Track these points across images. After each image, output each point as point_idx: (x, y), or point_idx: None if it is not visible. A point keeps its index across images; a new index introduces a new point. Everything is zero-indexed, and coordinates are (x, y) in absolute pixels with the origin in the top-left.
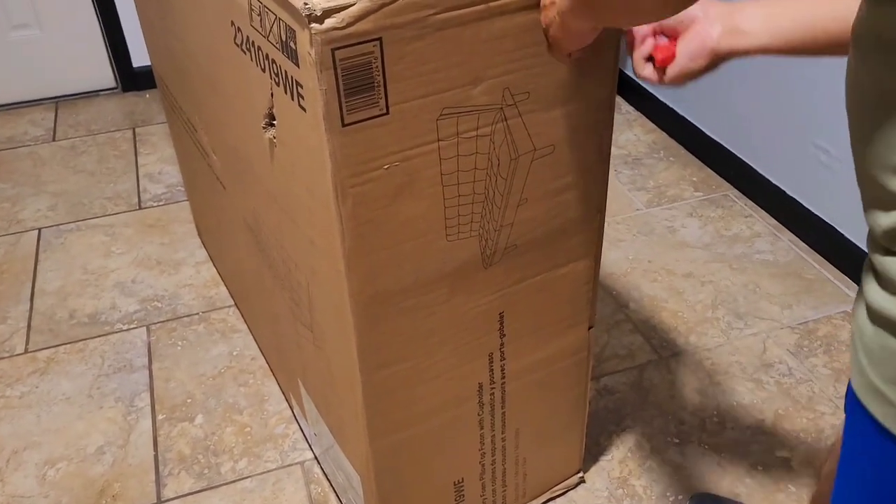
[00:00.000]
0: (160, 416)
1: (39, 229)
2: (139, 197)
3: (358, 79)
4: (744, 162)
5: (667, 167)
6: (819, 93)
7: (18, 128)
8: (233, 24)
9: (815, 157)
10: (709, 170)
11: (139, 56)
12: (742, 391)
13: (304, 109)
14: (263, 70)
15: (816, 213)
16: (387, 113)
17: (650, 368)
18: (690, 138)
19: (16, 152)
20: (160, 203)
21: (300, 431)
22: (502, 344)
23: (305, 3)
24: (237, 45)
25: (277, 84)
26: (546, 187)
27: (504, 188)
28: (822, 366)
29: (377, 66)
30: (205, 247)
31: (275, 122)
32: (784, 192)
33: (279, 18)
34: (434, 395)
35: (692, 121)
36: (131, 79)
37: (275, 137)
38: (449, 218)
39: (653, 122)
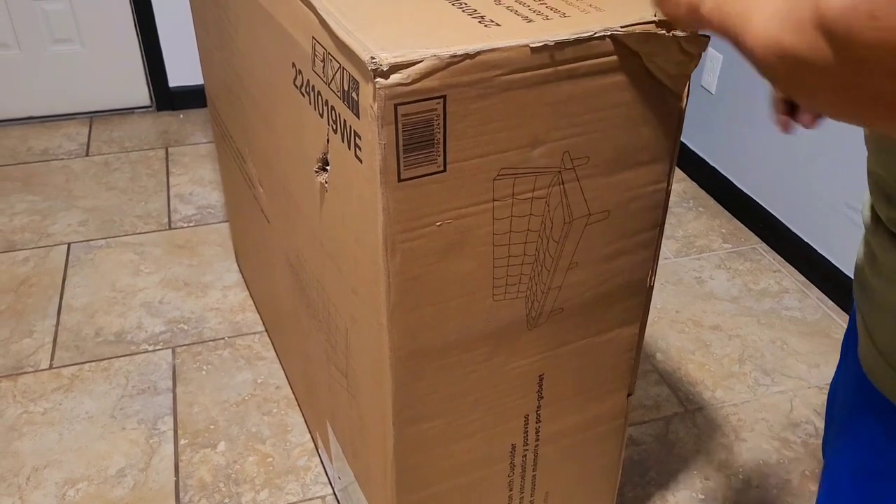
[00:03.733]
0: (182, 441)
1: (69, 244)
2: (169, 217)
3: (418, 135)
4: (773, 216)
5: (696, 217)
6: (852, 154)
7: (53, 141)
8: (294, 65)
9: (847, 216)
10: (737, 222)
11: (176, 76)
12: (768, 449)
13: (360, 160)
14: (321, 115)
15: (846, 272)
16: (444, 170)
17: (676, 421)
18: (721, 190)
19: (49, 165)
20: (190, 224)
21: (322, 465)
22: (539, 406)
23: (372, 58)
24: (296, 87)
25: (335, 131)
26: (597, 252)
27: (555, 251)
28: None
29: (438, 124)
30: (240, 270)
31: (328, 167)
32: (814, 248)
33: (343, 68)
34: (465, 453)
35: (723, 172)
36: (167, 98)
37: (326, 182)
38: (497, 278)
39: (684, 171)
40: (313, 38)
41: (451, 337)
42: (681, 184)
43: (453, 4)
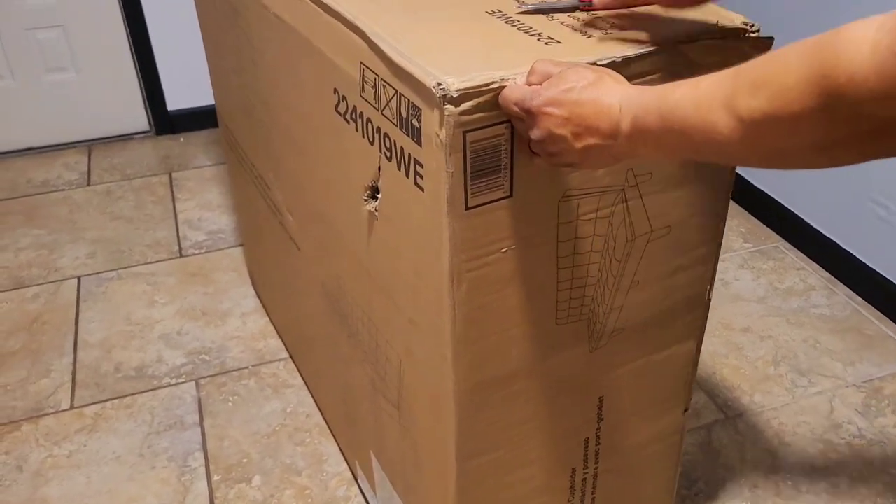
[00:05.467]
0: (216, 477)
1: (79, 277)
2: (180, 244)
3: (486, 161)
4: (793, 213)
5: None
6: None
7: (52, 171)
8: (336, 91)
9: (873, 211)
10: (756, 220)
11: (174, 99)
12: (814, 453)
13: (421, 189)
14: (371, 142)
15: (874, 267)
16: (510, 196)
17: (718, 428)
18: (737, 189)
19: (49, 197)
20: (202, 251)
21: (362, 495)
22: (598, 428)
23: (439, 83)
24: (339, 113)
25: (389, 159)
26: (659, 269)
27: (617, 270)
28: (892, 426)
29: (506, 149)
30: (259, 297)
31: (378, 196)
32: (838, 244)
33: (400, 94)
34: (527, 481)
35: (739, 171)
36: (166, 122)
37: (377, 210)
38: (560, 301)
39: None
40: (361, 63)
41: (514, 365)
42: None
43: (507, 23)
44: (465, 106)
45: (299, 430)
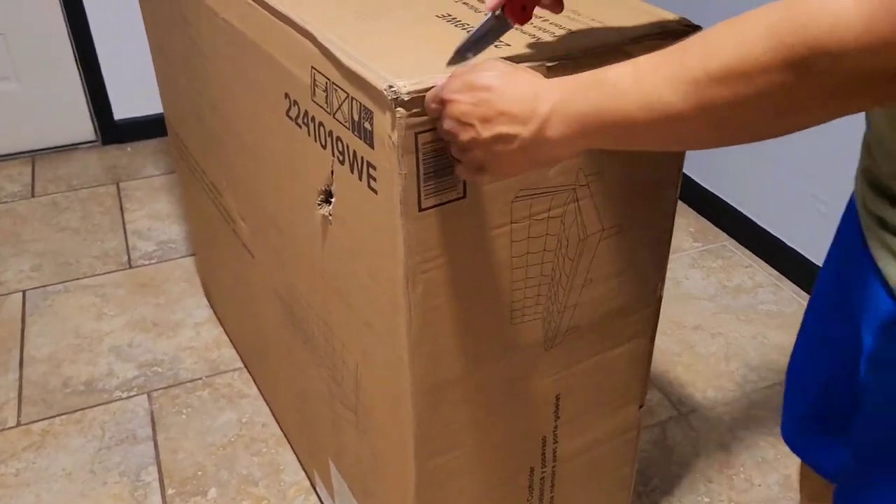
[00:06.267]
0: (170, 491)
1: (24, 291)
2: (129, 255)
3: (438, 163)
4: (740, 213)
5: None
6: (815, 145)
7: None
8: (287, 96)
9: (814, 207)
10: (705, 220)
11: (121, 108)
12: (764, 446)
13: (374, 191)
14: (324, 147)
15: (817, 263)
16: (464, 197)
17: (672, 425)
18: (686, 189)
19: None
20: (152, 261)
21: (320, 503)
22: (556, 426)
23: (390, 86)
24: (290, 118)
25: (342, 162)
26: (611, 267)
27: (571, 269)
28: None
29: None
30: (212, 307)
31: (332, 200)
32: (783, 242)
33: (352, 97)
34: (485, 481)
35: (686, 172)
36: (113, 131)
37: (331, 215)
38: (515, 301)
39: None
40: (312, 67)
41: (470, 365)
42: None
43: (456, 26)
44: (417, 108)
45: (255, 440)
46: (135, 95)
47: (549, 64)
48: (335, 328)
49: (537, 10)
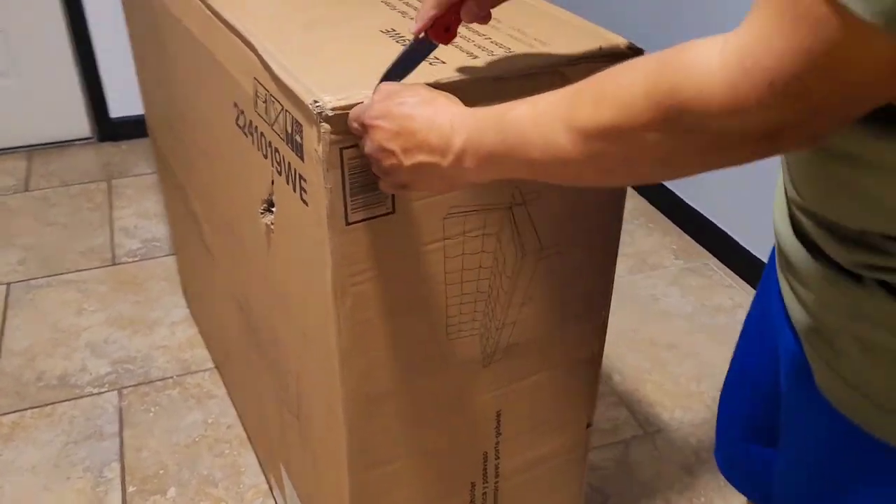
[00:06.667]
0: (131, 489)
1: (8, 284)
2: (113, 252)
3: (365, 177)
4: (723, 232)
5: (647, 234)
6: None
7: None
8: (236, 105)
9: None
10: (688, 238)
11: (117, 106)
12: None
13: (306, 203)
14: (265, 157)
15: None
16: (393, 212)
17: (635, 444)
18: (670, 206)
19: None
20: (135, 259)
21: None
22: (497, 443)
23: (315, 101)
24: (238, 127)
25: (279, 173)
26: (552, 287)
27: (508, 287)
28: None
29: None
30: (189, 305)
31: (273, 209)
32: (764, 263)
33: (286, 110)
34: (424, 494)
35: (671, 188)
36: (109, 129)
37: (272, 224)
38: (451, 316)
39: (634, 188)
40: (255, 78)
41: (404, 378)
42: (630, 201)
43: (398, 42)
44: (341, 124)
45: (219, 441)
46: (131, 94)
47: (476, 80)
48: (280, 335)
49: (476, 27)
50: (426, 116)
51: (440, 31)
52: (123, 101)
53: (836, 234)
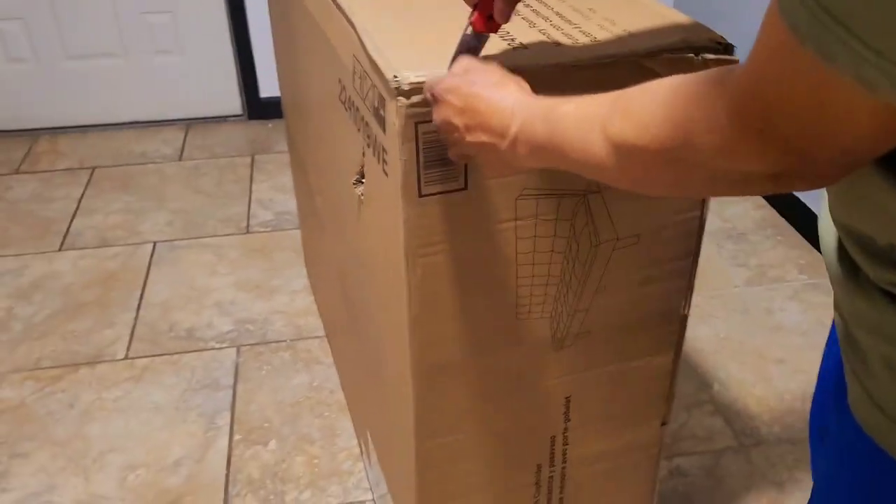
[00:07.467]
0: (237, 437)
1: (155, 242)
2: (248, 221)
3: (440, 152)
4: None
5: (773, 246)
6: None
7: (151, 145)
8: (339, 81)
9: None
10: (818, 254)
11: (266, 87)
12: None
13: (386, 174)
14: (358, 130)
15: None
16: (465, 188)
17: (728, 455)
18: (802, 219)
19: (145, 168)
20: (267, 229)
21: (365, 471)
22: (566, 429)
23: (395, 76)
24: (341, 102)
25: (368, 146)
26: (627, 278)
27: (581, 273)
28: None
29: None
30: (309, 276)
31: (363, 181)
32: None
33: (374, 85)
34: (489, 469)
35: (804, 201)
36: (257, 108)
37: (363, 195)
38: (521, 297)
39: (764, 198)
40: (354, 55)
41: (470, 352)
42: (760, 210)
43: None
44: (416, 98)
45: (321, 403)
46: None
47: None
48: (367, 303)
49: (568, 15)
50: (493, 98)
51: (483, 20)
52: (272, 82)
53: (866, 248)
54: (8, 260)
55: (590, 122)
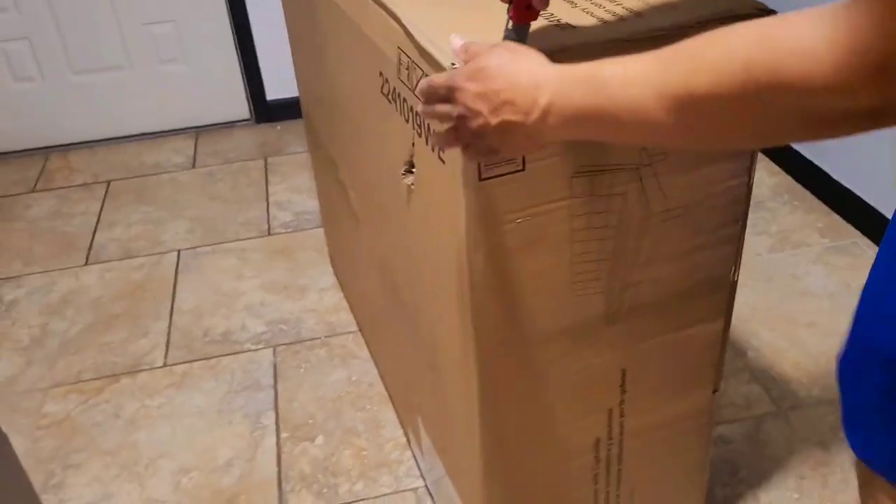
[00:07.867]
0: (284, 435)
1: (179, 251)
2: (269, 224)
3: None
4: (874, 209)
5: (791, 212)
6: None
7: (162, 155)
8: (381, 74)
9: None
10: (836, 216)
11: (272, 90)
12: None
13: (443, 161)
14: (407, 121)
15: None
16: (522, 170)
17: (768, 420)
18: (817, 182)
19: (159, 178)
20: (288, 230)
21: (413, 459)
22: (622, 401)
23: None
24: (383, 95)
25: (419, 135)
26: (677, 248)
27: (633, 246)
28: None
29: None
30: (335, 273)
31: (414, 170)
32: None
33: (425, 74)
34: (550, 445)
35: (819, 164)
36: (265, 111)
37: (413, 184)
38: (576, 273)
39: (777, 164)
40: (399, 47)
41: (532, 330)
42: (774, 177)
43: None
44: None
45: (361, 397)
46: (284, 78)
47: (606, 44)
48: (417, 292)
49: None
50: (509, 76)
51: (520, 11)
52: (278, 84)
53: None
54: (35, 277)
55: (641, 82)
